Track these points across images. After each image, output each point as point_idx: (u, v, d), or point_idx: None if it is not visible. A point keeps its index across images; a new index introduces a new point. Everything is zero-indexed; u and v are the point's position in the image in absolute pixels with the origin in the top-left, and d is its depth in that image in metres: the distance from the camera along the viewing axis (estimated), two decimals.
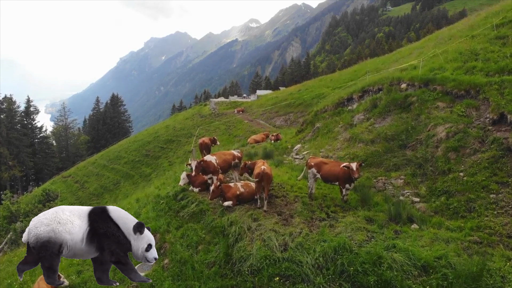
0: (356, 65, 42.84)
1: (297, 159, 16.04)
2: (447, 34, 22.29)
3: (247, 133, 37.11)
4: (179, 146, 44.49)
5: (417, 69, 15.78)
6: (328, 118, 18.22)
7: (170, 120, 56.93)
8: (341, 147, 14.52)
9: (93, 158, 55.10)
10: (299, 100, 39.33)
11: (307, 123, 20.12)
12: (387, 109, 14.37)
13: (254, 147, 20.34)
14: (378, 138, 13.24)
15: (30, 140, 72.67)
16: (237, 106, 50.81)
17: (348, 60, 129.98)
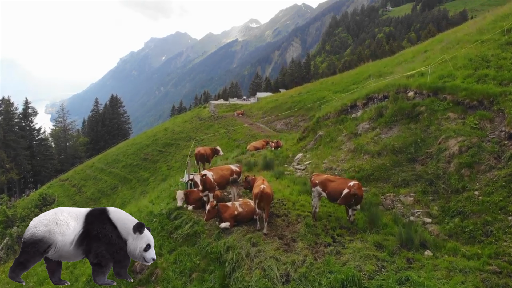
0: (358, 68, 42.08)
1: (298, 169, 15.33)
2: (453, 38, 21.54)
3: (246, 138, 36.40)
4: (178, 150, 43.80)
5: (424, 76, 15.04)
6: (331, 126, 17.49)
7: (169, 123, 56.23)
8: (345, 159, 13.80)
9: (90, 161, 54.40)
10: (300, 103, 38.60)
11: (308, 130, 19.39)
12: (393, 118, 13.65)
13: (253, 155, 19.61)
14: (384, 150, 12.51)
15: (27, 142, 71.90)
16: (237, 109, 50.10)
17: (348, 61, 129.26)
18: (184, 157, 41.22)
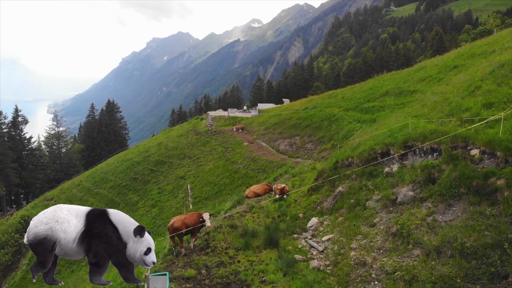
0: (371, 80, 37.67)
1: (314, 249, 11.18)
2: (497, 60, 17.16)
3: (246, 161, 32.28)
4: (171, 170, 39.71)
5: (488, 122, 10.75)
6: (355, 179, 13.29)
7: (163, 136, 52.15)
8: (383, 247, 9.63)
9: (78, 179, 50.42)
10: (306, 120, 34.35)
11: (323, 176, 15.17)
12: (454, 191, 9.44)
13: (253, 208, 15.37)
14: (446, 245, 8.32)
15: (16, 153, 67.55)
16: (236, 123, 45.89)
17: (353, 64, 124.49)
18: (176, 179, 37.22)
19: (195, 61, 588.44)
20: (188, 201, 30.27)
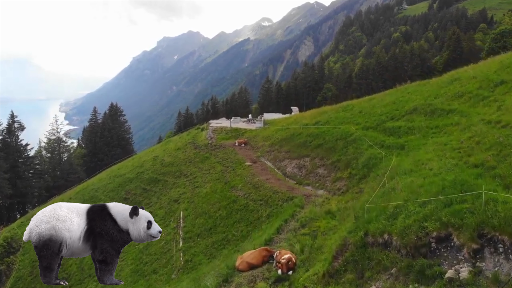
0: (393, 91, 32.46)
1: None
2: None
3: (247, 187, 27.77)
4: (165, 190, 35.48)
5: None
6: (397, 277, 8.63)
7: (160, 149, 48.02)
8: None
9: (67, 195, 46.69)
10: (317, 138, 29.59)
11: (346, 256, 10.51)
12: None
13: None
14: None
15: (11, 162, 64.08)
16: (239, 136, 41.36)
17: (366, 65, 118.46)
18: (170, 202, 32.97)
19: (205, 60, 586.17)
20: (178, 235, 25.98)
